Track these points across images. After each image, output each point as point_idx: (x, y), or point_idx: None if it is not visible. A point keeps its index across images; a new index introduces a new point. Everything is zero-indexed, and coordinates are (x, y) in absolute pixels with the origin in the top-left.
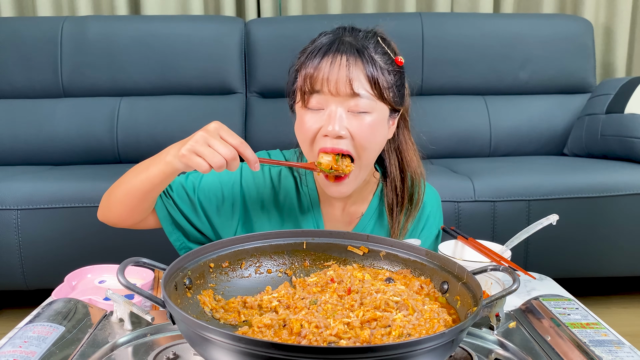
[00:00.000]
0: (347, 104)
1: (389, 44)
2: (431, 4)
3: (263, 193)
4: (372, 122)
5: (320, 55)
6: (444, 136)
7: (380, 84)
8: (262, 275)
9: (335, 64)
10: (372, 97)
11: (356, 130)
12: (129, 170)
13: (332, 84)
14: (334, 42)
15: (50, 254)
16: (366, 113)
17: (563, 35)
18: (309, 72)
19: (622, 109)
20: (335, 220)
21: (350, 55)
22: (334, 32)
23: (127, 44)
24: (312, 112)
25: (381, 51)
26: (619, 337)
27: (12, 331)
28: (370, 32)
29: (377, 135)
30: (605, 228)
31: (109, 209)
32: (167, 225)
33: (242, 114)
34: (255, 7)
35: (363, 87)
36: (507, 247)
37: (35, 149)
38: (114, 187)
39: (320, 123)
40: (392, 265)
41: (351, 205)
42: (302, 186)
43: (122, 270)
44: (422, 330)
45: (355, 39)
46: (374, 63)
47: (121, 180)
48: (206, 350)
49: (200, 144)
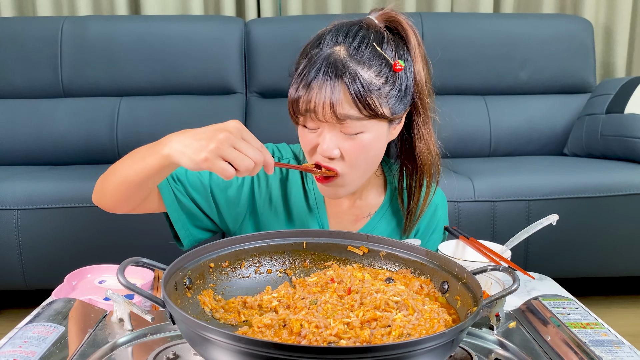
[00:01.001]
0: (339, 127)
1: (390, 46)
2: (431, 4)
3: (272, 185)
4: (365, 142)
5: (307, 79)
6: (443, 136)
7: (370, 103)
8: (262, 275)
9: (320, 92)
10: (361, 118)
11: (348, 152)
12: (125, 156)
13: (319, 112)
14: (323, 63)
15: (50, 254)
16: (359, 133)
17: (563, 35)
18: (296, 96)
19: (622, 109)
20: (342, 216)
21: (334, 81)
22: (329, 39)
23: (127, 44)
24: (309, 130)
25: (377, 62)
26: (619, 337)
27: (12, 331)
28: (367, 36)
29: (372, 151)
30: (605, 228)
31: (103, 195)
32: (173, 212)
33: (242, 114)
34: (255, 7)
35: (350, 111)
36: (507, 247)
37: (35, 149)
38: (108, 172)
39: (315, 141)
40: (392, 265)
41: (357, 199)
42: (307, 181)
43: (122, 270)
44: (422, 330)
45: (347, 51)
46: (362, 84)
47: (116, 167)
48: (206, 350)
49: (226, 147)
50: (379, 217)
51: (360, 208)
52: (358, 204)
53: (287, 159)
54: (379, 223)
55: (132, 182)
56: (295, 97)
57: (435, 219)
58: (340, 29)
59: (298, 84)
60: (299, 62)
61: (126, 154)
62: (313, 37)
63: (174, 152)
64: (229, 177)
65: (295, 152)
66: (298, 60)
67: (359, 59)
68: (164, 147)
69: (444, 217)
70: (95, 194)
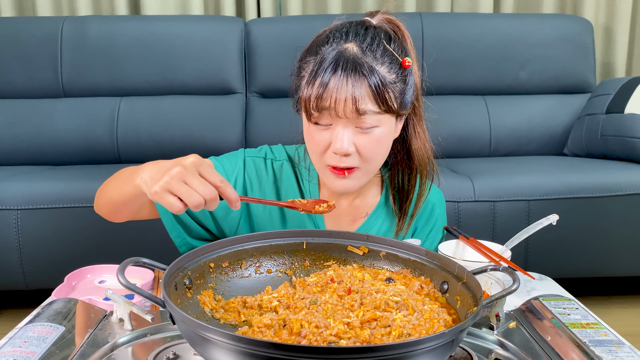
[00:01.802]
0: (354, 122)
1: (396, 45)
2: (431, 4)
3: (265, 187)
4: (379, 136)
5: (324, 76)
6: (443, 136)
7: (386, 99)
8: (262, 275)
9: (341, 88)
10: (378, 113)
11: (363, 146)
12: (114, 175)
13: (340, 108)
14: (339, 58)
15: (50, 254)
16: (374, 127)
17: (563, 35)
18: (314, 93)
19: (622, 109)
20: (339, 217)
21: (355, 75)
22: (338, 36)
23: (127, 44)
24: (321, 127)
25: (388, 59)
26: (619, 337)
27: (12, 331)
28: (376, 34)
29: (384, 145)
30: (605, 228)
31: (99, 208)
32: (168, 221)
33: (242, 114)
34: (255, 7)
35: (369, 105)
36: (507, 247)
37: (35, 149)
38: (101, 189)
39: (329, 139)
40: (392, 265)
41: (355, 198)
42: (303, 182)
43: (122, 270)
44: (422, 330)
45: (360, 48)
46: (379, 78)
47: (105, 186)
48: (206, 350)
49: (176, 181)
50: (375, 216)
51: (358, 208)
52: (356, 203)
53: (280, 161)
54: (375, 223)
55: (119, 202)
56: (313, 94)
57: (433, 218)
58: (347, 28)
59: (313, 81)
60: (306, 61)
61: (116, 172)
62: (317, 36)
63: (142, 182)
64: (177, 212)
65: (289, 154)
66: (303, 59)
67: (373, 56)
68: (137, 176)
69: (442, 216)
70: (95, 206)
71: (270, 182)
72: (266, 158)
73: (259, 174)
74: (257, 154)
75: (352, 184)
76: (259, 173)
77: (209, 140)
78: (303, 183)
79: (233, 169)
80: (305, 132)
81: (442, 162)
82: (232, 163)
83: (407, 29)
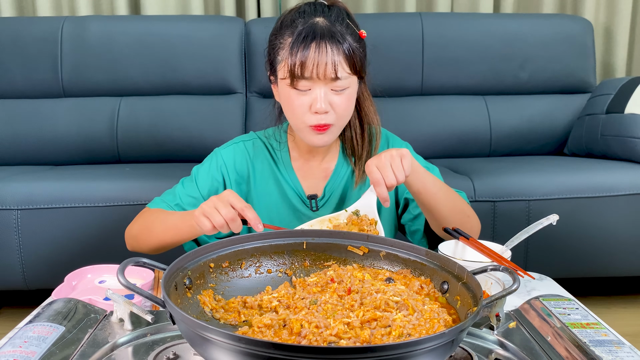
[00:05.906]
0: (331, 84)
1: (352, 19)
2: (431, 4)
3: (241, 169)
4: (349, 95)
5: (305, 44)
6: (444, 136)
7: (356, 63)
8: (262, 275)
9: (322, 54)
10: (349, 75)
11: (338, 105)
12: (154, 219)
13: (321, 72)
14: (315, 29)
15: (50, 254)
16: (346, 88)
17: (563, 35)
18: (298, 59)
19: (622, 109)
20: (312, 176)
21: (332, 43)
22: (309, 12)
23: (127, 44)
24: (301, 92)
25: (350, 30)
26: (619, 337)
27: (12, 331)
28: (338, 11)
29: (352, 103)
30: (605, 228)
31: (140, 248)
32: None
33: (242, 114)
34: (255, 7)
35: (344, 69)
36: (507, 247)
37: (35, 149)
38: (141, 231)
39: (309, 102)
40: (392, 265)
41: (322, 159)
42: (275, 152)
43: (122, 270)
44: (422, 330)
45: (329, 21)
46: (349, 45)
47: (149, 228)
48: (206, 350)
49: (209, 207)
50: (338, 170)
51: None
52: (324, 163)
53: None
54: (339, 173)
55: (173, 243)
56: (297, 60)
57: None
58: (311, 7)
59: (295, 50)
60: (281, 34)
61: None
62: (284, 15)
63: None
64: (208, 231)
65: (267, 136)
66: (276, 34)
67: (340, 27)
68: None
69: (402, 145)
70: (131, 247)
71: (245, 163)
72: (237, 142)
73: (236, 160)
74: (230, 144)
75: (328, 139)
76: (236, 159)
77: (209, 140)
78: (275, 153)
79: (212, 181)
80: (284, 100)
81: (442, 162)
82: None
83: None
